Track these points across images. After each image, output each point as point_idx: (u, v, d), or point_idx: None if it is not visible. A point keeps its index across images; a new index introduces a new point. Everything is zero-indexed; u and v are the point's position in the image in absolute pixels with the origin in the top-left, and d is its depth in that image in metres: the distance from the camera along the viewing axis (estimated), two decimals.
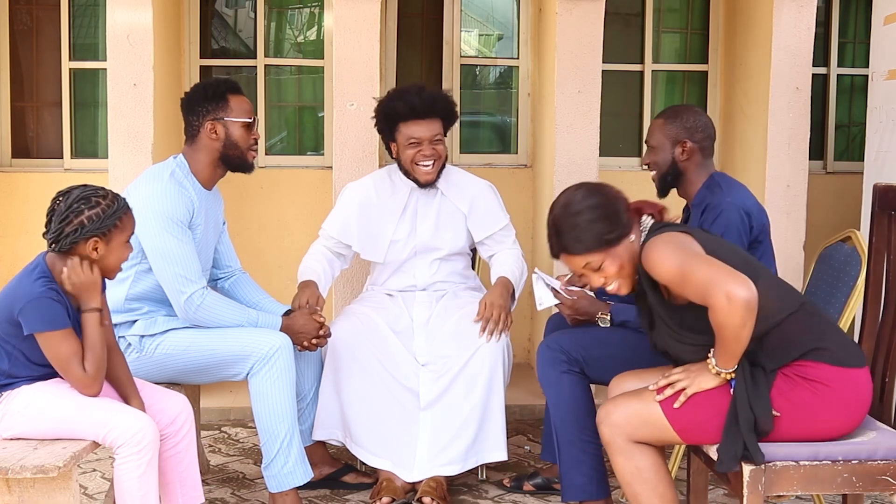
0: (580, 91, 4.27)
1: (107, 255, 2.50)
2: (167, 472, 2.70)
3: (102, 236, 2.47)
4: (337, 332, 3.31)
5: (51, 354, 2.45)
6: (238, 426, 4.17)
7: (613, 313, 3.10)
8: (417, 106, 3.39)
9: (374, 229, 3.53)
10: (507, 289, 3.42)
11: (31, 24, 4.89)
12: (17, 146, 4.89)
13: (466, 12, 5.11)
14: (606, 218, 2.44)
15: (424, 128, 3.41)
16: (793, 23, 4.28)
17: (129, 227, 2.54)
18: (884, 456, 2.33)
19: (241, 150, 3.09)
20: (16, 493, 2.38)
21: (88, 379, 2.46)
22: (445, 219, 3.55)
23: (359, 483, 3.42)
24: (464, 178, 3.63)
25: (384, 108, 3.47)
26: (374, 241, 3.54)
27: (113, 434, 2.44)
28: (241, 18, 5.18)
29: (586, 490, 3.00)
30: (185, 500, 2.74)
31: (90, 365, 2.45)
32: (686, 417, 2.39)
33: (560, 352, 3.03)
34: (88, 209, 2.44)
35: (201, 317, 3.01)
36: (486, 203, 3.58)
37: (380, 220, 3.54)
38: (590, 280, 2.51)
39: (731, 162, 4.77)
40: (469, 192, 3.58)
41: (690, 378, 2.40)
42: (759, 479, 2.30)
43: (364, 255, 3.58)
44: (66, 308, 2.46)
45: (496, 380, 3.27)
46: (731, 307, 2.22)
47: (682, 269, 2.31)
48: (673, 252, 2.35)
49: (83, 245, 2.46)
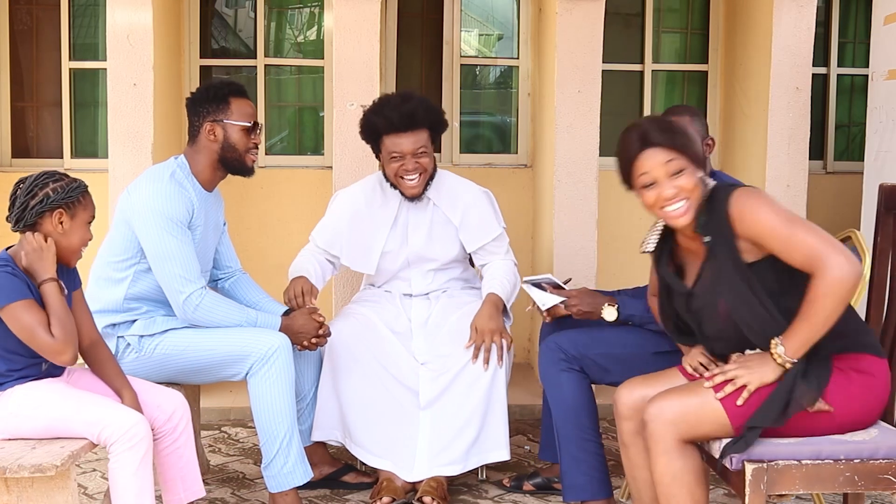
0: (580, 91, 4.27)
1: (70, 232, 2.52)
2: (167, 468, 2.71)
3: (67, 209, 2.51)
4: (335, 333, 3.30)
5: (17, 328, 2.44)
6: (238, 426, 4.17)
7: (621, 305, 3.05)
8: (395, 120, 3.26)
9: (364, 241, 3.46)
10: (497, 307, 3.32)
11: (31, 24, 4.90)
12: (17, 146, 4.89)
13: (466, 12, 5.11)
14: (694, 141, 2.41)
15: (406, 141, 3.28)
16: (793, 23, 4.28)
17: (91, 207, 2.58)
18: (886, 455, 2.33)
19: (238, 154, 3.08)
20: (14, 493, 2.38)
21: (58, 344, 2.44)
22: (438, 229, 3.47)
23: (359, 483, 3.42)
24: (457, 186, 3.51)
25: (365, 121, 3.37)
26: (364, 252, 3.46)
27: (106, 432, 2.45)
28: (241, 18, 5.19)
29: (588, 489, 3.00)
30: (187, 496, 2.75)
31: (57, 330, 2.44)
32: (747, 411, 2.32)
33: (560, 350, 3.02)
34: (53, 182, 2.51)
35: (200, 317, 3.01)
36: (478, 212, 3.47)
37: (370, 232, 3.45)
38: (660, 188, 2.35)
39: (731, 162, 4.77)
40: (461, 202, 3.47)
41: (750, 372, 2.32)
42: (761, 478, 2.29)
43: (354, 267, 3.51)
44: (25, 283, 2.46)
45: (498, 379, 3.26)
46: (842, 277, 2.16)
47: (789, 227, 2.24)
48: (773, 206, 2.28)
49: (48, 219, 2.49)
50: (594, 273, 4.28)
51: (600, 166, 4.35)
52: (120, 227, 3.02)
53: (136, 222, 2.96)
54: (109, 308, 3.03)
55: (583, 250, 4.28)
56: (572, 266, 4.28)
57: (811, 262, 2.22)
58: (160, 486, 2.75)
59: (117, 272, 3.03)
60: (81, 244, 2.58)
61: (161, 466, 2.73)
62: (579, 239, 4.27)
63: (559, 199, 4.28)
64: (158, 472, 2.74)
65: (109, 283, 3.04)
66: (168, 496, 2.74)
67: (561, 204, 4.28)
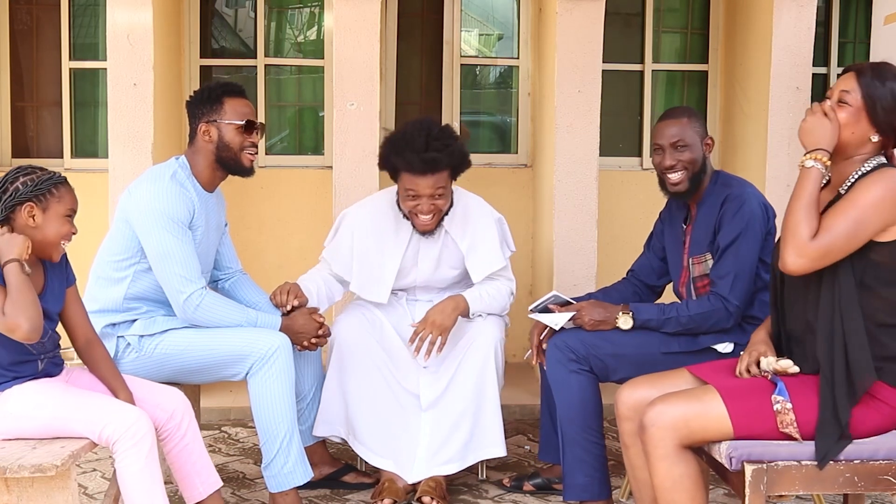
0: (580, 91, 4.26)
1: (44, 226, 2.48)
2: (181, 466, 2.73)
3: (38, 202, 2.47)
4: (342, 329, 3.30)
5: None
6: (238, 426, 4.17)
7: (635, 311, 3.01)
8: (416, 165, 3.13)
9: (374, 272, 3.38)
10: (456, 307, 3.25)
11: (31, 23, 4.90)
12: (17, 146, 4.89)
13: (466, 12, 5.11)
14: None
15: (425, 183, 3.16)
16: (793, 23, 4.28)
17: (68, 200, 2.53)
18: (885, 456, 2.32)
19: (233, 153, 3.07)
20: (14, 493, 2.38)
21: (9, 320, 2.36)
22: (446, 257, 3.41)
23: (359, 483, 3.42)
24: (472, 212, 3.41)
25: (384, 157, 3.25)
26: (375, 283, 3.38)
27: (108, 430, 2.44)
28: (241, 18, 5.19)
29: (588, 490, 3.00)
30: (205, 489, 2.76)
31: (9, 307, 2.36)
32: (746, 411, 2.32)
33: (569, 350, 3.01)
34: (23, 176, 2.48)
35: (201, 317, 3.01)
36: (486, 246, 3.38)
37: (380, 263, 3.37)
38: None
39: (732, 162, 4.77)
40: (471, 229, 3.38)
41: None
42: (760, 479, 2.29)
43: (364, 296, 3.41)
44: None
45: (488, 375, 3.25)
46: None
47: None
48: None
49: (19, 213, 2.46)
50: (594, 273, 4.28)
51: (600, 166, 4.35)
52: (120, 227, 3.02)
53: (137, 222, 2.96)
54: (109, 308, 3.03)
55: (583, 250, 4.28)
56: (572, 266, 4.28)
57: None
58: (177, 483, 2.78)
59: (117, 272, 3.03)
60: (59, 237, 2.52)
61: (174, 466, 2.74)
62: (579, 239, 4.27)
63: (559, 199, 4.28)
64: (173, 471, 2.76)
65: (109, 282, 3.04)
66: (187, 493, 2.76)
67: (561, 204, 4.28)
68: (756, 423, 2.31)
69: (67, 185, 2.55)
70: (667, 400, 2.38)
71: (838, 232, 2.25)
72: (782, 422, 2.29)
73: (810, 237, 2.25)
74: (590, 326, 3.04)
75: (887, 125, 2.34)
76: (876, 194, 2.25)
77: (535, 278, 4.80)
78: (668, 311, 2.98)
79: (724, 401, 2.32)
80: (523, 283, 4.83)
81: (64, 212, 2.52)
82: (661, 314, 2.98)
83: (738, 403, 2.32)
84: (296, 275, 3.47)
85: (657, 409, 2.36)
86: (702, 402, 2.34)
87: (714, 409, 2.32)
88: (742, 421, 2.31)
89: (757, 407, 2.31)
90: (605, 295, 3.26)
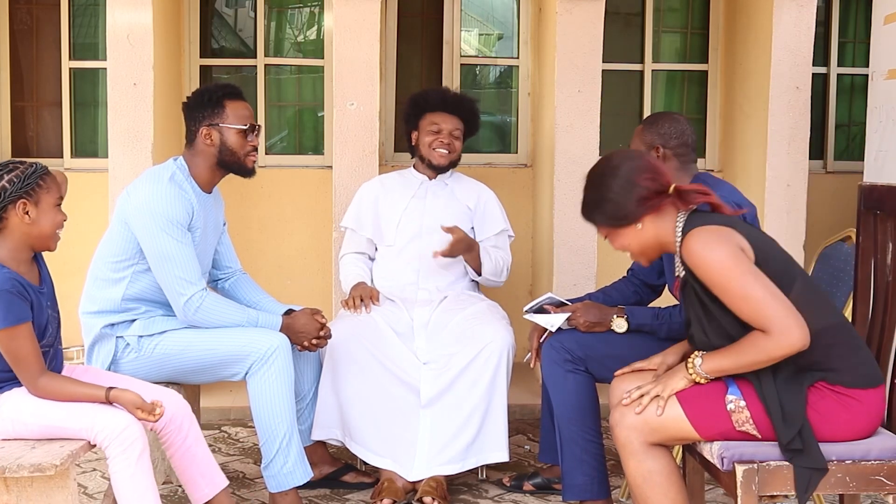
0: (580, 91, 4.27)
1: (39, 219, 2.46)
2: (185, 469, 2.73)
3: (29, 197, 2.44)
4: (336, 332, 3.30)
5: (8, 350, 2.41)
6: (238, 426, 4.17)
7: (629, 314, 3.05)
8: (448, 98, 3.72)
9: (386, 214, 3.71)
10: (473, 246, 3.57)
11: (31, 23, 4.90)
12: (17, 146, 4.89)
13: (466, 12, 5.11)
14: (612, 202, 2.40)
15: (448, 120, 3.67)
16: (793, 22, 4.28)
17: (55, 189, 2.51)
18: (877, 456, 2.32)
19: (237, 157, 3.08)
20: (14, 493, 2.38)
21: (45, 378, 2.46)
22: (454, 208, 3.70)
23: (359, 482, 3.42)
24: (472, 182, 3.83)
25: (416, 95, 3.78)
26: (385, 223, 3.69)
27: (101, 435, 2.44)
28: (241, 18, 5.19)
29: (587, 490, 3.00)
30: (210, 489, 2.77)
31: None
32: (702, 412, 2.34)
33: (565, 351, 3.02)
34: (7, 173, 2.44)
35: (201, 318, 3.01)
36: (490, 206, 3.77)
37: (391, 206, 3.71)
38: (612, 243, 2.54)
39: (732, 162, 4.77)
40: (475, 192, 3.78)
41: (662, 384, 2.40)
42: (752, 479, 2.29)
43: (376, 239, 3.71)
44: (28, 302, 2.42)
45: (499, 379, 3.26)
46: (790, 345, 2.21)
47: (741, 283, 2.24)
48: (726, 255, 2.26)
49: (13, 212, 2.43)
50: (594, 273, 4.28)
51: None
52: (118, 228, 3.02)
53: (136, 224, 2.96)
54: (107, 308, 3.03)
55: (583, 250, 4.28)
56: (572, 266, 4.28)
57: (761, 324, 2.24)
58: (182, 484, 2.78)
59: (115, 272, 3.03)
60: (55, 227, 2.51)
61: (178, 468, 2.75)
62: (579, 239, 4.27)
63: (559, 199, 4.28)
64: (177, 474, 2.77)
65: (107, 283, 3.04)
66: (192, 494, 2.77)
67: (561, 204, 4.28)
68: (715, 423, 2.35)
69: (51, 174, 2.52)
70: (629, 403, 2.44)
71: (756, 297, 2.24)
72: (738, 420, 2.32)
73: (764, 336, 2.24)
74: (584, 328, 3.06)
75: (617, 216, 2.41)
76: (721, 255, 2.26)
77: (535, 278, 4.80)
78: (661, 315, 3.02)
79: (680, 404, 2.37)
80: (523, 283, 4.83)
81: (54, 201, 2.50)
82: (654, 318, 3.01)
83: (694, 405, 2.36)
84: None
85: (619, 410, 2.44)
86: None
87: (672, 412, 2.37)
88: (702, 423, 2.35)
89: (712, 408, 2.35)
90: (604, 295, 3.26)
